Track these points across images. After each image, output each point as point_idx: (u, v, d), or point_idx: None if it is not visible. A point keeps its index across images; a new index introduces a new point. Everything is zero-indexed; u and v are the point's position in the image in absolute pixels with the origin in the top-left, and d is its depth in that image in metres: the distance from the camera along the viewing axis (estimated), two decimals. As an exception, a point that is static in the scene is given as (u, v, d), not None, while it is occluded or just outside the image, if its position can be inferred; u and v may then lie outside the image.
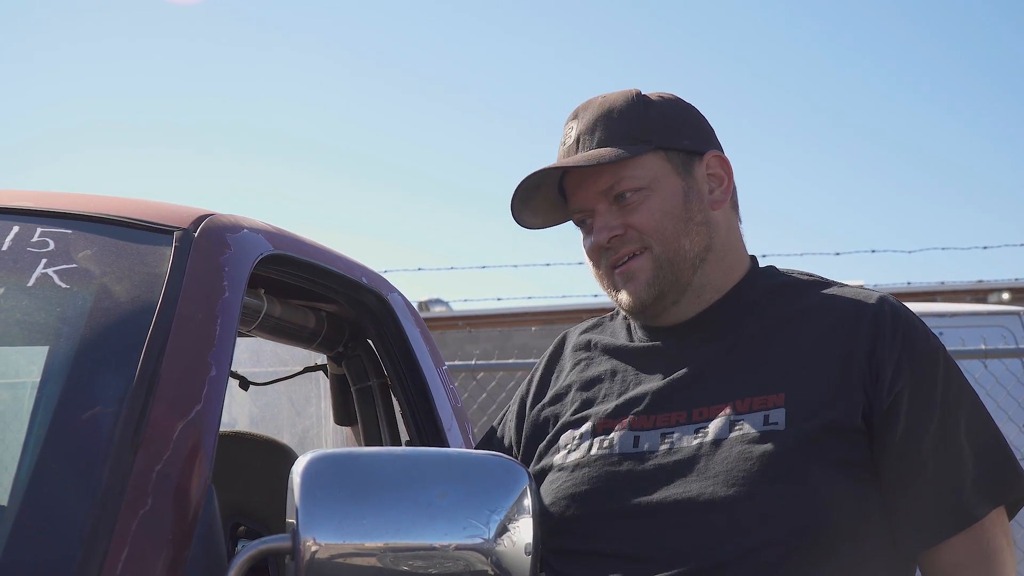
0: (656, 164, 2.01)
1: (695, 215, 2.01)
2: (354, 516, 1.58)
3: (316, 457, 1.62)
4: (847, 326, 1.93)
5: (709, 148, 2.07)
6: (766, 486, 1.82)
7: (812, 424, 1.85)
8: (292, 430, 3.83)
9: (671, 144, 2.03)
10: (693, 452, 1.89)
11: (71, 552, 1.50)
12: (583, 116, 2.05)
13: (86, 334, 1.74)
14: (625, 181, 1.99)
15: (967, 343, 6.45)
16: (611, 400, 2.02)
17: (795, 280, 2.07)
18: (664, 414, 1.95)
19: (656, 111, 2.05)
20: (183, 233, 1.90)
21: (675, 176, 2.02)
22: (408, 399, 2.65)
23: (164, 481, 1.60)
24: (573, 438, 2.01)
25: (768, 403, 1.88)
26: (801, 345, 1.94)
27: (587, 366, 2.12)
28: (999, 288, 12.69)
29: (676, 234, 1.99)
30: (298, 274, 2.31)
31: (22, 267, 1.83)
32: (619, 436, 1.96)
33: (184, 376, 1.71)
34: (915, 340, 1.91)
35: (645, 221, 1.98)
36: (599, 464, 1.94)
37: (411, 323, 2.69)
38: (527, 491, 1.65)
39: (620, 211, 2.00)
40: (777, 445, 1.84)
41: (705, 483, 1.85)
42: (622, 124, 2.02)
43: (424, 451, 1.70)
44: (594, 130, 2.02)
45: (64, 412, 1.65)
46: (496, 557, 1.61)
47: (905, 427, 1.86)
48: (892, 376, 1.87)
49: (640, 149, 1.99)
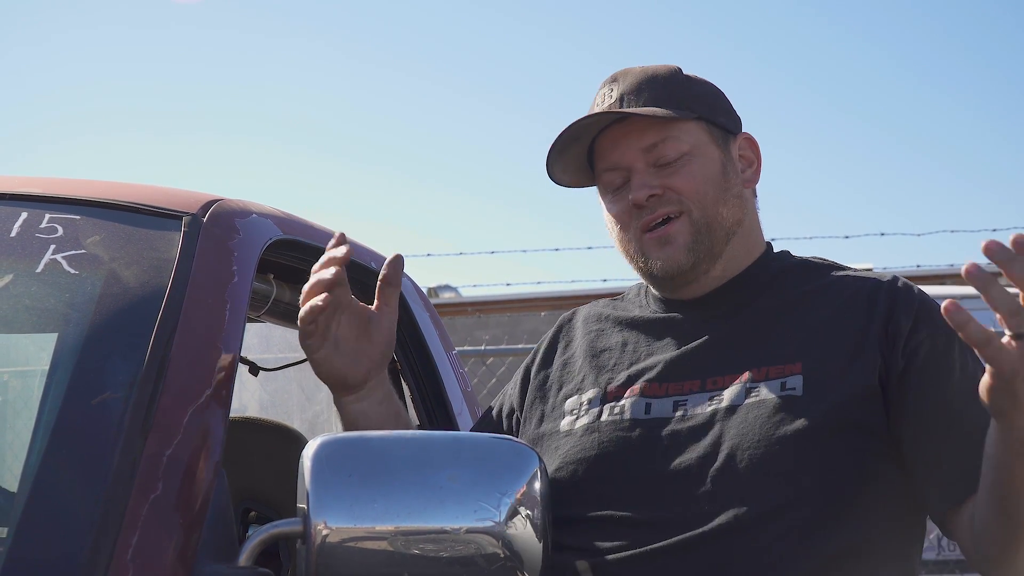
0: (698, 132, 2.02)
1: (732, 187, 2.03)
2: (365, 500, 1.58)
3: (327, 441, 1.62)
4: (863, 301, 1.94)
5: (740, 129, 2.10)
6: (784, 450, 1.82)
7: (830, 391, 1.85)
8: (302, 415, 3.84)
9: (711, 118, 2.04)
10: (708, 418, 1.88)
11: (82, 537, 1.50)
12: (624, 80, 2.04)
13: (95, 320, 1.74)
14: (670, 142, 1.99)
15: (977, 326, 6.41)
16: (622, 369, 2.01)
17: (810, 262, 2.08)
18: (676, 383, 1.95)
19: (696, 86, 2.06)
20: (192, 218, 1.89)
21: (715, 147, 2.03)
22: (418, 384, 2.65)
23: (174, 466, 1.60)
24: (580, 403, 2.01)
25: (785, 371, 1.89)
26: (817, 319, 1.94)
27: (598, 336, 2.11)
28: (1009, 271, 12.64)
29: (715, 201, 2.00)
30: (307, 259, 2.30)
31: (31, 253, 1.83)
32: (630, 403, 1.95)
33: (194, 361, 1.71)
34: (931, 312, 1.91)
35: (687, 184, 1.98)
36: (610, 429, 1.94)
37: (421, 308, 2.69)
38: (538, 474, 1.64)
39: (659, 173, 1.99)
40: (796, 410, 1.84)
41: (720, 447, 1.84)
42: (668, 89, 2.02)
43: (434, 434, 1.70)
44: (638, 92, 2.01)
45: (74, 398, 1.65)
46: (507, 540, 1.60)
47: (922, 386, 1.85)
48: (907, 336, 1.88)
49: (687, 114, 2.00)
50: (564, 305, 12.61)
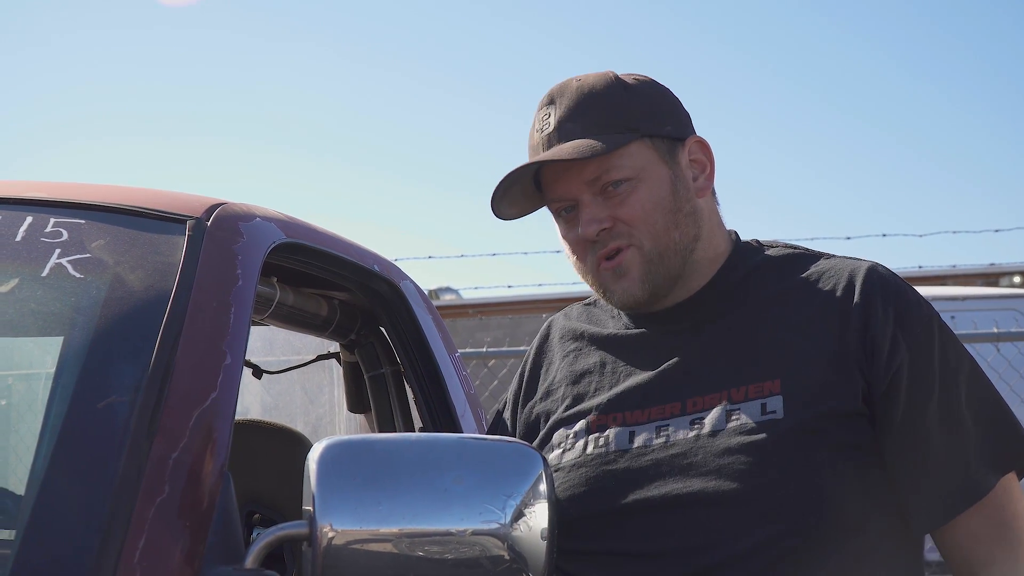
0: (642, 153, 1.95)
1: (683, 205, 1.97)
2: (370, 502, 1.58)
3: (332, 443, 1.62)
4: (837, 304, 1.89)
5: (689, 133, 2.02)
6: (768, 479, 1.80)
7: (811, 411, 1.82)
8: (305, 418, 3.84)
9: (655, 131, 1.97)
10: (691, 445, 1.86)
11: (88, 540, 1.51)
12: (560, 102, 1.97)
13: (101, 324, 1.75)
14: (613, 171, 1.93)
15: (979, 327, 6.43)
16: (603, 394, 1.99)
17: (780, 257, 2.03)
18: (658, 406, 1.92)
19: (636, 96, 1.98)
20: (196, 222, 1.90)
21: (662, 165, 1.96)
22: (421, 386, 2.65)
23: (180, 469, 1.60)
24: (567, 436, 1.99)
25: (764, 390, 1.86)
26: (792, 327, 1.90)
27: (576, 358, 2.08)
28: (1011, 271, 12.67)
29: (666, 226, 1.95)
30: (311, 262, 2.31)
31: (36, 257, 1.83)
32: (614, 433, 1.93)
33: (199, 364, 1.72)
34: (908, 312, 1.88)
35: (635, 214, 1.93)
36: (595, 464, 1.92)
37: (423, 310, 2.70)
38: (542, 476, 1.65)
39: (607, 202, 1.94)
40: (777, 436, 1.81)
41: (706, 477, 1.82)
42: (604, 111, 1.94)
43: (439, 437, 1.70)
44: (575, 117, 1.94)
45: (79, 402, 1.66)
46: (512, 542, 1.61)
47: (906, 405, 1.83)
48: (888, 353, 1.84)
49: (627, 138, 1.93)
50: (565, 306, 12.62)
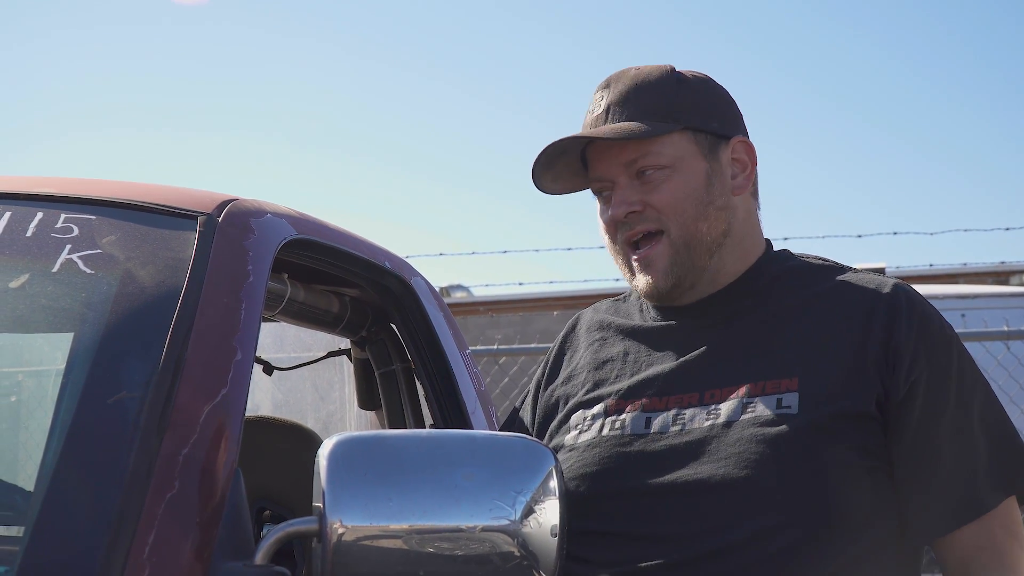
0: (682, 144, 2.00)
1: (716, 199, 2.00)
2: (380, 498, 1.58)
3: (343, 440, 1.62)
4: (862, 314, 1.92)
5: (736, 133, 2.06)
6: (777, 469, 1.82)
7: (825, 410, 1.85)
8: (316, 415, 3.84)
9: (700, 125, 2.01)
10: (705, 433, 1.89)
11: (99, 536, 1.51)
12: (615, 86, 2.03)
13: (111, 319, 1.75)
14: (650, 157, 1.98)
15: (989, 324, 6.42)
16: (623, 380, 2.02)
17: (809, 264, 2.06)
18: (676, 395, 1.95)
19: (688, 90, 2.03)
20: (207, 218, 1.90)
21: (700, 158, 2.00)
22: (432, 383, 2.65)
23: (191, 464, 1.60)
24: (585, 418, 2.02)
25: (781, 387, 1.88)
26: (815, 331, 1.93)
27: (600, 347, 2.12)
28: (1021, 270, 12.64)
29: (695, 217, 1.98)
30: (321, 258, 2.31)
31: (47, 253, 1.84)
32: (631, 417, 1.96)
33: (209, 360, 1.72)
34: (931, 329, 1.91)
35: (665, 200, 1.97)
36: (610, 444, 1.95)
37: (434, 307, 2.69)
38: (552, 472, 1.65)
39: (641, 187, 1.99)
40: (789, 429, 1.84)
41: (716, 465, 1.85)
42: (653, 99, 2.00)
43: (449, 433, 1.70)
44: (625, 102, 2.00)
45: (90, 397, 1.66)
46: (522, 538, 1.61)
47: (920, 416, 1.86)
48: (909, 365, 1.87)
49: (668, 127, 1.98)
50: (576, 304, 12.61)
